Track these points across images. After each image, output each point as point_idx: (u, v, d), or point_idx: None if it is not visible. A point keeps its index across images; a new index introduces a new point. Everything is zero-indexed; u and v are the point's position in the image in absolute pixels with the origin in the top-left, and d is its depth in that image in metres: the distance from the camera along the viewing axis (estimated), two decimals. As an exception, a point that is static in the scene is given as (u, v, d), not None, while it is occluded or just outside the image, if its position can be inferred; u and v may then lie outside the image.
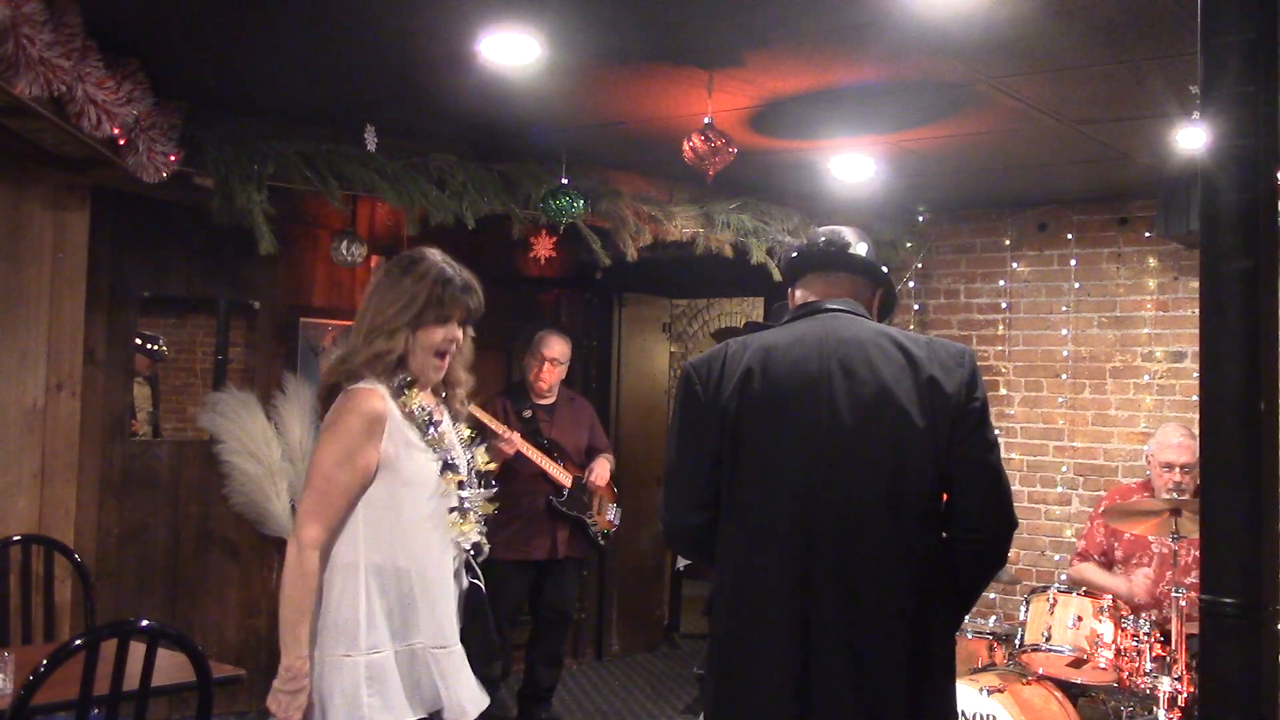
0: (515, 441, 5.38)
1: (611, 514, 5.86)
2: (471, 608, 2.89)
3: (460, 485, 2.86)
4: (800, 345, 2.49)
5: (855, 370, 2.43)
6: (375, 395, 2.72)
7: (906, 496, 2.41)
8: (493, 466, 3.09)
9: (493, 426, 5.30)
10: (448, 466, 2.82)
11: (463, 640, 2.85)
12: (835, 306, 2.57)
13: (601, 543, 5.86)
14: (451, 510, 2.84)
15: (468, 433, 2.97)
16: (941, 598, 2.47)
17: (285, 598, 2.69)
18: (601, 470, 5.77)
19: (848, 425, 2.41)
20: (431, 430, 2.81)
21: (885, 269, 2.71)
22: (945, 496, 2.48)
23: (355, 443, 2.68)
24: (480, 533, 2.91)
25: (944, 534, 2.49)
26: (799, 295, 2.68)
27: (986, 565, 2.53)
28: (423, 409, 2.81)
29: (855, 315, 2.56)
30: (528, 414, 5.64)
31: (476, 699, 2.82)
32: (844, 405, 2.42)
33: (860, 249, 2.66)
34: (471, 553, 2.89)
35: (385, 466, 2.73)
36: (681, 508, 2.57)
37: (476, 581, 2.90)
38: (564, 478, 5.60)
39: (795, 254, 2.74)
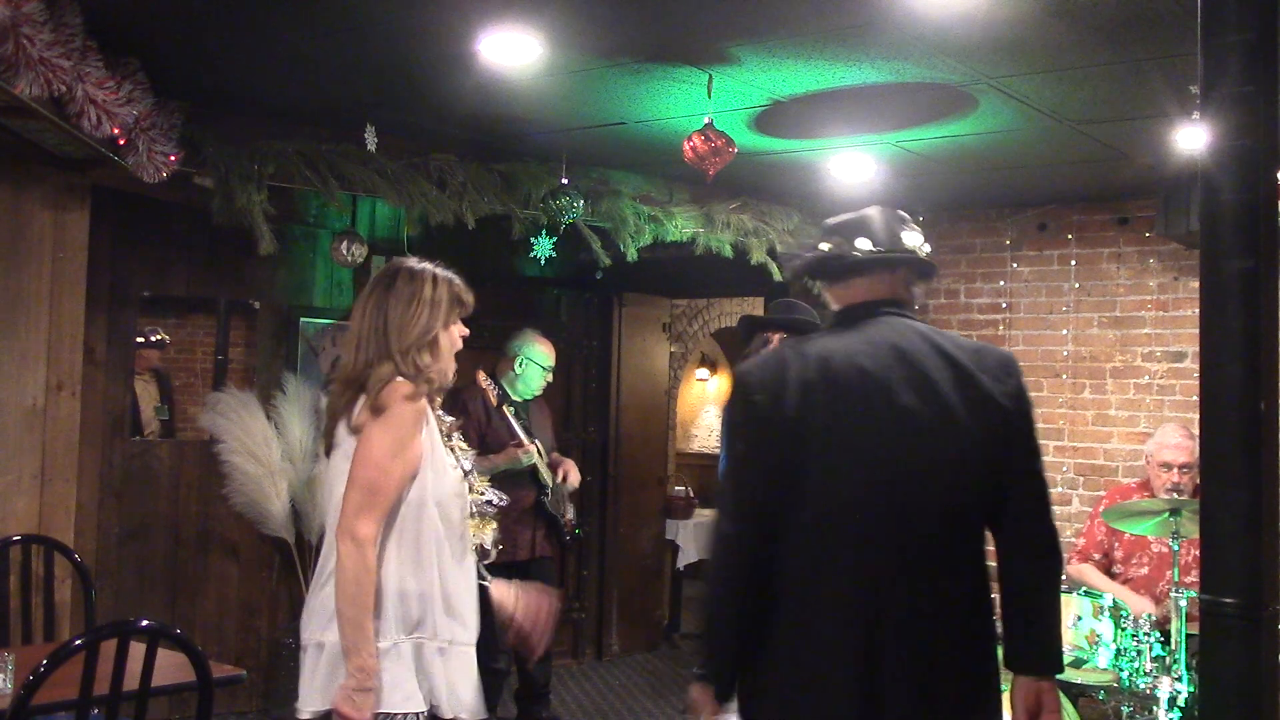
0: (529, 449, 5.35)
1: (571, 513, 5.79)
2: (480, 606, 2.91)
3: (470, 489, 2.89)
4: (859, 356, 2.42)
5: (914, 382, 2.40)
6: (419, 391, 2.73)
7: (969, 510, 2.42)
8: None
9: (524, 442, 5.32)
10: (467, 472, 2.87)
11: None
12: (885, 310, 2.51)
13: (569, 541, 5.80)
14: (472, 515, 2.87)
15: (463, 444, 2.99)
16: (989, 602, 2.47)
17: (349, 596, 2.61)
18: (575, 474, 5.69)
19: (908, 439, 2.38)
20: (455, 436, 2.87)
21: (899, 248, 2.55)
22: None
23: (407, 433, 2.68)
24: (495, 538, 2.94)
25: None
26: (841, 294, 2.58)
27: (1046, 568, 2.48)
28: (440, 416, 2.86)
29: (904, 317, 2.51)
30: (512, 410, 5.46)
31: (474, 707, 2.82)
32: (906, 419, 2.38)
33: (862, 244, 2.53)
34: (484, 553, 2.92)
35: (423, 464, 2.74)
36: (730, 516, 2.46)
37: (484, 582, 2.92)
38: (548, 476, 5.55)
39: (801, 267, 2.67)
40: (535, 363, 5.50)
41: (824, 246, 2.60)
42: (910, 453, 2.38)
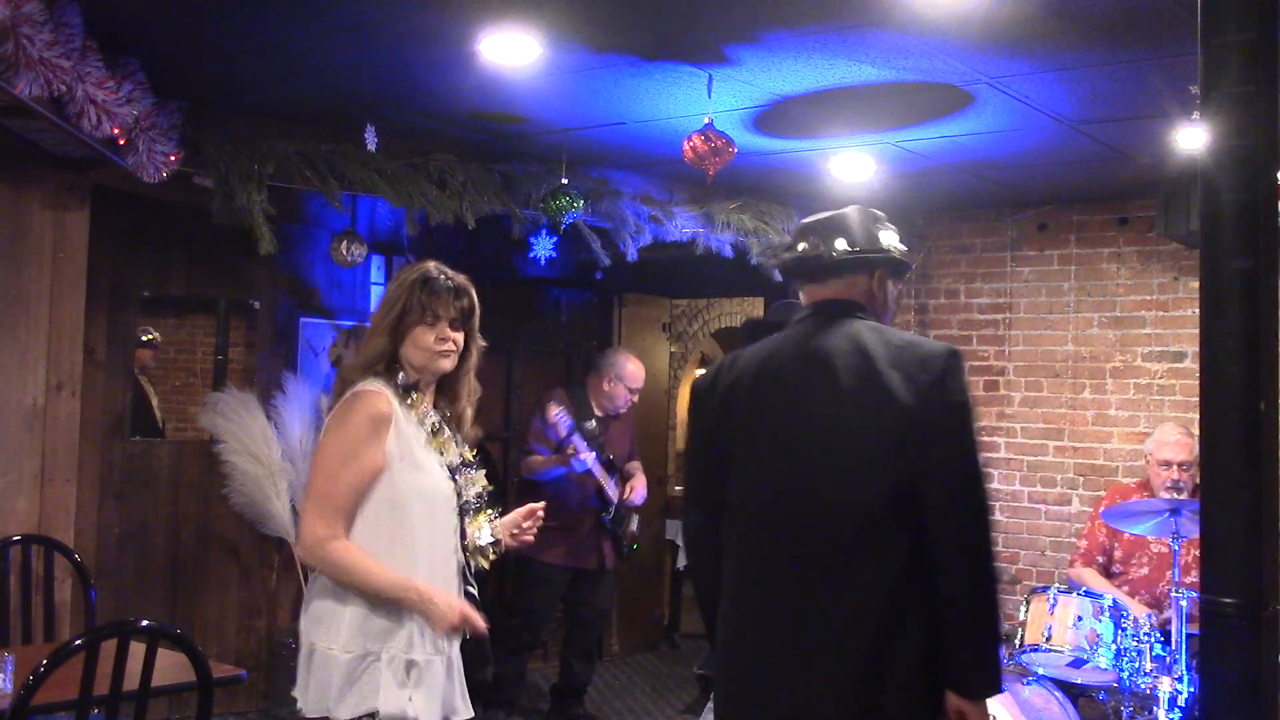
0: (589, 464, 5.53)
1: (634, 525, 6.00)
2: None
3: (458, 492, 2.90)
4: (773, 358, 2.55)
5: (819, 383, 2.45)
6: (380, 396, 2.76)
7: (876, 512, 2.37)
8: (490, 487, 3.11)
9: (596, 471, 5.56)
10: (453, 471, 2.87)
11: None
12: (820, 312, 2.57)
13: (626, 554, 6.00)
14: (461, 512, 2.88)
15: (470, 454, 2.99)
16: (912, 606, 2.36)
17: (350, 583, 2.70)
18: (640, 491, 5.88)
19: (805, 435, 2.45)
20: (440, 433, 2.87)
21: (877, 249, 2.57)
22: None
23: (360, 441, 2.71)
24: (493, 531, 2.95)
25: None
26: (816, 293, 2.63)
27: (955, 579, 2.35)
28: (429, 413, 2.87)
29: (841, 317, 2.53)
30: (591, 425, 5.70)
31: (463, 708, 2.84)
32: (802, 415, 2.46)
33: (839, 245, 2.55)
34: (489, 547, 2.94)
35: (390, 466, 2.75)
36: (686, 505, 2.71)
37: (471, 589, 2.92)
38: (614, 494, 5.72)
39: (779, 268, 2.78)
40: (623, 383, 5.80)
41: (801, 247, 2.61)
42: (805, 453, 2.44)
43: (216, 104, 4.73)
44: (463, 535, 2.90)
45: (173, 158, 4.42)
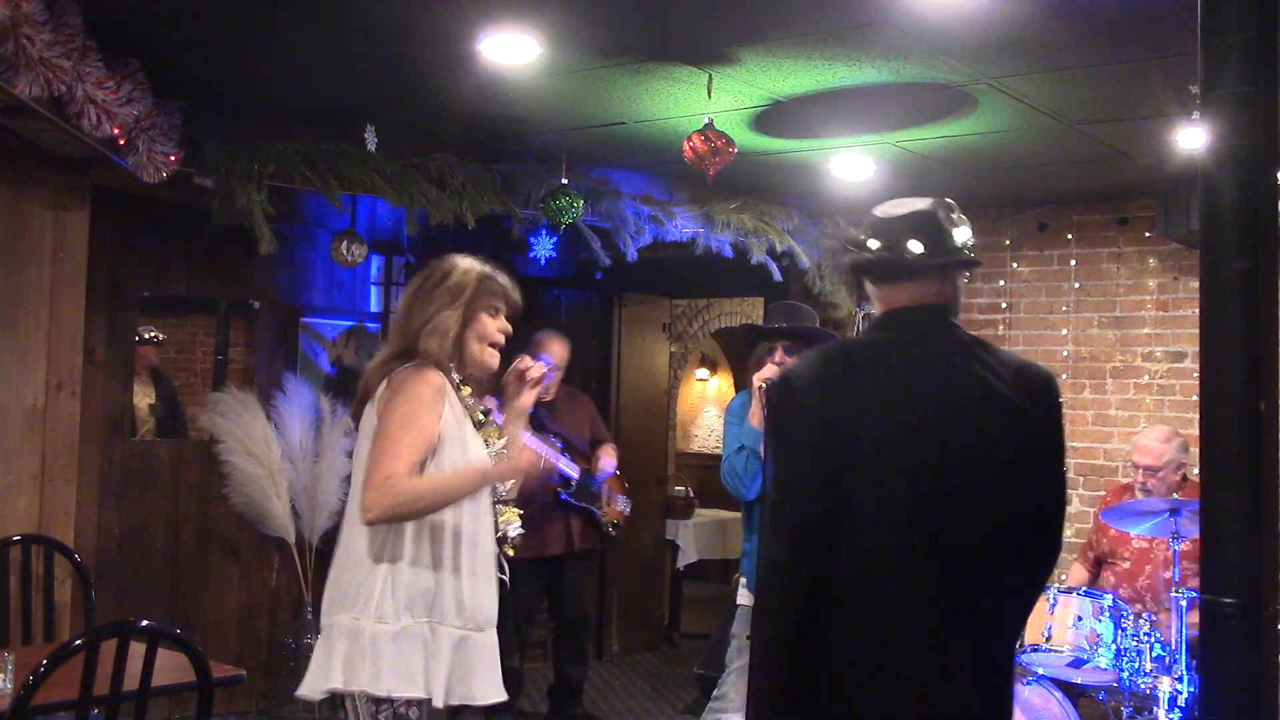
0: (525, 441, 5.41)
1: (621, 504, 5.94)
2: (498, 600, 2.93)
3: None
4: (907, 369, 2.36)
5: (955, 403, 2.32)
6: (436, 372, 2.80)
7: (1001, 538, 2.33)
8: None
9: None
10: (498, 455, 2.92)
11: None
12: (933, 319, 2.40)
13: (612, 533, 5.91)
14: (496, 501, 2.92)
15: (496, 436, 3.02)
16: (1011, 653, 2.46)
17: (436, 500, 2.73)
18: (607, 459, 5.81)
19: (946, 454, 2.30)
20: (486, 424, 2.93)
21: (952, 250, 2.43)
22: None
23: (421, 406, 2.73)
24: (518, 527, 2.98)
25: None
26: (888, 295, 2.44)
27: (1030, 589, 2.46)
28: (477, 403, 2.93)
29: (951, 327, 2.41)
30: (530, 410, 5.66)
31: (491, 691, 2.82)
32: (945, 442, 2.30)
33: (915, 248, 2.40)
34: (506, 540, 2.95)
35: (446, 439, 2.77)
36: (801, 504, 2.30)
37: (502, 576, 2.93)
38: (571, 470, 5.63)
39: (851, 267, 2.51)
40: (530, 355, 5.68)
41: (873, 245, 2.44)
42: (950, 474, 2.29)
43: (216, 104, 4.73)
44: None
45: (173, 158, 4.42)
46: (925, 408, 2.33)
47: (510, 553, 2.96)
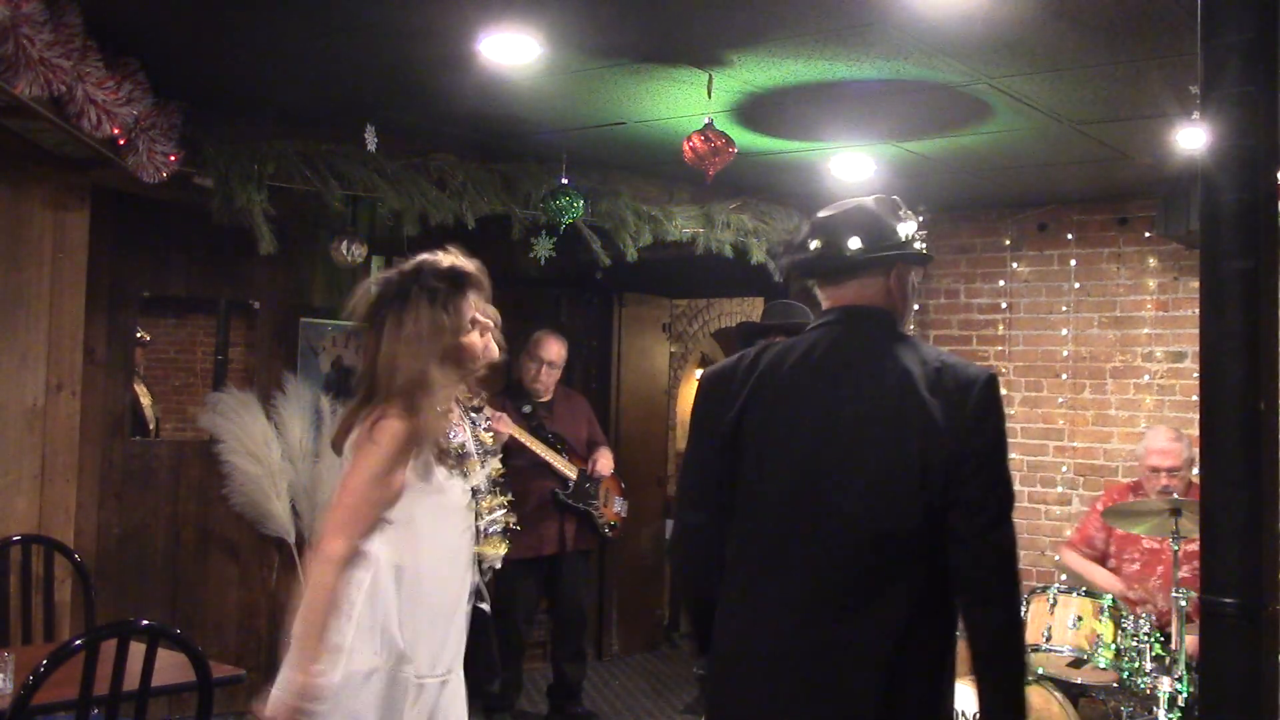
0: (508, 424, 5.34)
1: (618, 506, 5.97)
2: (475, 628, 2.91)
3: (477, 513, 2.90)
4: (801, 364, 2.36)
5: (845, 394, 2.29)
6: (405, 423, 2.69)
7: (901, 540, 2.22)
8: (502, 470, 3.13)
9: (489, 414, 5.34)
10: (475, 494, 2.87)
11: (465, 660, 2.85)
12: (850, 319, 2.39)
13: (608, 534, 5.93)
14: (476, 533, 2.90)
15: (488, 437, 2.99)
16: (924, 642, 2.25)
17: (305, 610, 2.60)
18: (605, 461, 5.83)
19: (832, 452, 2.28)
20: (465, 454, 2.87)
21: (894, 245, 2.41)
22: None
23: (391, 464, 2.68)
24: (498, 558, 2.96)
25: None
26: (833, 294, 2.45)
27: (985, 615, 2.22)
28: (451, 436, 2.85)
29: (873, 327, 2.38)
30: (527, 409, 5.70)
31: None
32: (831, 430, 2.28)
33: (853, 243, 2.40)
34: (485, 571, 2.92)
35: (410, 489, 2.73)
36: (682, 503, 2.53)
37: (481, 605, 2.91)
38: (569, 470, 5.66)
39: (791, 268, 2.56)
40: (527, 354, 5.84)
41: (814, 244, 2.45)
42: (832, 470, 2.27)
43: (216, 104, 4.73)
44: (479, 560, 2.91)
45: (173, 158, 4.42)
46: (813, 405, 2.32)
47: (500, 550, 2.96)
